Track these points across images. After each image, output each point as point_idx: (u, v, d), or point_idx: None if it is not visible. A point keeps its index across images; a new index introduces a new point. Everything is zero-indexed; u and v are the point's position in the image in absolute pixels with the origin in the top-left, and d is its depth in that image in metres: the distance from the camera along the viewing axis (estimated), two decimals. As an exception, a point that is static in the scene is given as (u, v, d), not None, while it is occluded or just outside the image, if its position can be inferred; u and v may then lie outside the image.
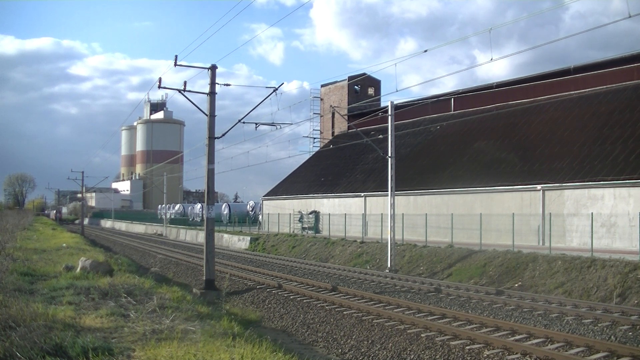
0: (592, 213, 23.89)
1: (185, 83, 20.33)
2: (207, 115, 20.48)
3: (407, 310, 15.78)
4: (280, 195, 52.02)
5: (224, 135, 21.06)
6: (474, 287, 20.34)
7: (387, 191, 26.78)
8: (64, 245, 28.77)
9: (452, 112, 43.36)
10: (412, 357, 11.65)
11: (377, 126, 45.32)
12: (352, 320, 14.82)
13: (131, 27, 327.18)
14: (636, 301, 16.64)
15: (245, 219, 62.03)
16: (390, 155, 26.57)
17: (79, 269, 16.09)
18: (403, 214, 31.41)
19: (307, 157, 58.45)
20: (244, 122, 21.47)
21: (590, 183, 26.24)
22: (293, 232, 43.32)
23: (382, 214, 32.55)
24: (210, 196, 20.53)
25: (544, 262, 21.01)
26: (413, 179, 36.79)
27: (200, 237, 46.18)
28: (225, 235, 47.19)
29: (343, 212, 39.74)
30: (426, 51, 19.59)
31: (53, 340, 7.42)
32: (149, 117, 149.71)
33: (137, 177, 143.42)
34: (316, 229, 42.77)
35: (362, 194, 40.63)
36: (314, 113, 61.45)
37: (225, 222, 68.82)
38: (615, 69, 32.99)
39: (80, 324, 9.02)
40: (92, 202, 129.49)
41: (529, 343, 11.88)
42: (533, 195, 28.90)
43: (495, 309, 16.36)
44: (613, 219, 25.04)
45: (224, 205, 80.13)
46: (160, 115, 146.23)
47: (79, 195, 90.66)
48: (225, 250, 40.85)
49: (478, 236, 26.64)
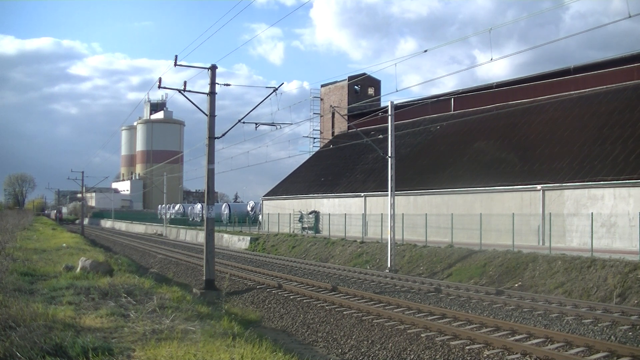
0: (592, 213, 23.89)
1: (185, 83, 20.37)
2: (207, 115, 20.48)
3: (407, 310, 15.79)
4: (280, 195, 52.02)
5: (224, 135, 21.08)
6: (474, 287, 20.34)
7: (387, 191, 26.79)
8: (64, 245, 28.77)
9: (452, 112, 43.36)
10: (412, 357, 11.65)
11: (377, 126, 45.33)
12: (352, 320, 14.82)
13: (131, 27, 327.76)
14: (636, 301, 16.65)
15: (245, 219, 62.01)
16: (390, 155, 26.57)
17: (79, 269, 16.09)
18: (403, 214, 31.41)
19: (307, 157, 58.53)
20: (244, 122, 21.50)
21: (590, 183, 26.25)
22: (293, 232, 43.32)
23: (382, 214, 32.55)
24: (210, 196, 20.54)
25: (544, 262, 21.01)
26: (413, 179, 36.79)
27: (200, 237, 46.19)
28: (225, 235, 47.19)
29: (343, 212, 39.75)
30: (426, 51, 19.62)
31: (53, 340, 7.42)
32: (149, 117, 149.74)
33: (137, 177, 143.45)
34: (316, 229, 42.77)
35: (362, 194, 40.64)
36: (314, 113, 61.50)
37: (225, 222, 68.82)
38: (615, 69, 33.00)
39: (80, 324, 9.01)
40: (92, 202, 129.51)
41: (529, 343, 11.88)
42: (533, 195, 28.90)
43: (495, 309, 16.37)
44: (613, 219, 25.04)
45: (224, 205, 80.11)
46: (160, 115, 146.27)
47: (79, 195, 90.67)
48: (225, 250, 40.86)
49: (478, 236, 26.65)
